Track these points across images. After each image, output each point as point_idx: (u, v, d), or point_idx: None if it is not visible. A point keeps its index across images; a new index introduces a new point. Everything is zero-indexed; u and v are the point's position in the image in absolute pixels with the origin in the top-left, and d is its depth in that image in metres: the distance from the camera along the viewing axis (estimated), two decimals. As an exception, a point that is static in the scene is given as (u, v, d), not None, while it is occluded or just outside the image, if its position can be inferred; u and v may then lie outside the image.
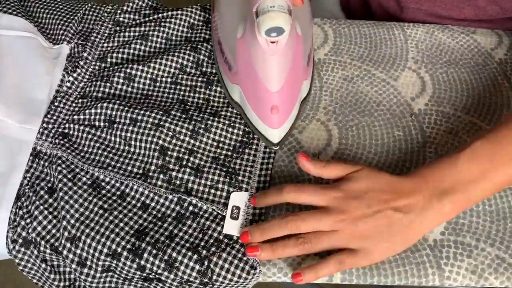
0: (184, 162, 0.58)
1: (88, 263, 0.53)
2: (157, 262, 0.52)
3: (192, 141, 0.60)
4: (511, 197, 0.58)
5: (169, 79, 0.65)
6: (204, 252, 0.52)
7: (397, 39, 0.70)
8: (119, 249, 0.52)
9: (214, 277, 0.51)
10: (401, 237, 0.51)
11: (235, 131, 0.61)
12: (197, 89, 0.64)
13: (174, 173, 0.58)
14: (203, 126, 0.60)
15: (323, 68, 0.68)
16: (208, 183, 0.57)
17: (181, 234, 0.54)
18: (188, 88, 0.64)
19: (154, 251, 0.52)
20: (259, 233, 0.52)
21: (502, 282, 0.53)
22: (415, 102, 0.65)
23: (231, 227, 0.55)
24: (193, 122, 0.60)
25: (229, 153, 0.60)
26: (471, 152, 0.51)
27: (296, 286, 0.95)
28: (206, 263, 0.52)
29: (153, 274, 0.52)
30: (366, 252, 0.50)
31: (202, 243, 0.53)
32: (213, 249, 0.53)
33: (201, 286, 0.52)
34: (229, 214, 0.56)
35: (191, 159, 0.59)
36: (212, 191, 0.57)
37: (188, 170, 0.58)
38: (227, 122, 0.61)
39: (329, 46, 0.70)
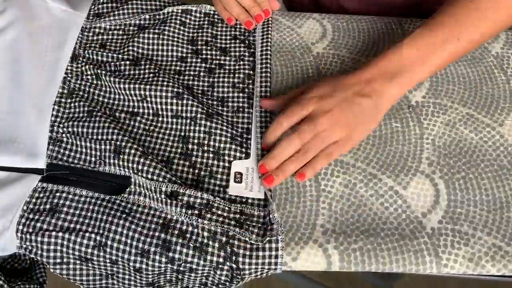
0: (206, 148, 0.61)
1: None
2: (184, 250, 0.53)
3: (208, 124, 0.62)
4: (508, 187, 0.59)
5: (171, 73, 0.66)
6: (224, 238, 0.53)
7: (395, 33, 0.71)
8: (146, 247, 0.53)
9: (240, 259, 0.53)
10: (372, 117, 0.59)
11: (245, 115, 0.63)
12: (200, 77, 0.66)
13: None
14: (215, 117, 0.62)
15: (322, 62, 0.68)
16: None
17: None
18: (191, 77, 0.66)
19: (181, 240, 0.53)
20: (274, 160, 0.57)
21: (499, 269, 0.53)
22: (412, 94, 0.66)
23: (235, 189, 0.58)
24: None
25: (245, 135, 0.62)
26: (411, 39, 0.59)
27: (294, 280, 0.96)
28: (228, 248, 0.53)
29: (183, 264, 0.53)
30: (347, 138, 0.58)
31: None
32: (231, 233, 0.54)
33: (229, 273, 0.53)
34: (233, 179, 0.58)
35: (211, 143, 0.61)
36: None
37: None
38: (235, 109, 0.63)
39: (327, 40, 0.70)
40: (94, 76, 0.64)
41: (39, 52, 0.66)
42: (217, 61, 0.67)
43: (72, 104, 0.63)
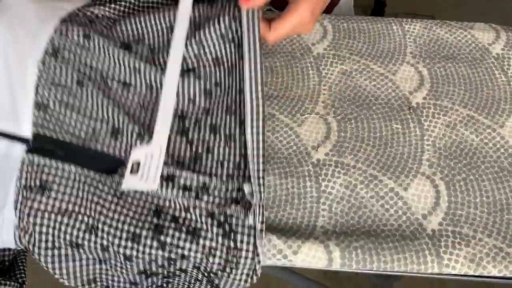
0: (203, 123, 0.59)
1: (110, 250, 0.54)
2: (177, 233, 0.52)
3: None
4: (508, 189, 0.59)
5: None
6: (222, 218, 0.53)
7: (396, 34, 0.71)
8: (137, 231, 0.52)
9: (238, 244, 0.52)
10: None
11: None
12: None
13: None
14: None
15: (322, 63, 0.68)
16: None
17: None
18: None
19: (173, 224, 0.52)
20: None
21: (500, 270, 0.53)
22: (413, 96, 0.66)
23: (130, 181, 0.53)
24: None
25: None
26: None
27: (293, 280, 0.95)
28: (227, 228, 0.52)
29: (174, 250, 0.52)
30: None
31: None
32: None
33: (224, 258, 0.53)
34: (129, 169, 0.54)
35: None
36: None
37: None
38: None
39: (328, 40, 0.70)
40: (83, 37, 0.59)
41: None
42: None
43: (58, 65, 0.58)
